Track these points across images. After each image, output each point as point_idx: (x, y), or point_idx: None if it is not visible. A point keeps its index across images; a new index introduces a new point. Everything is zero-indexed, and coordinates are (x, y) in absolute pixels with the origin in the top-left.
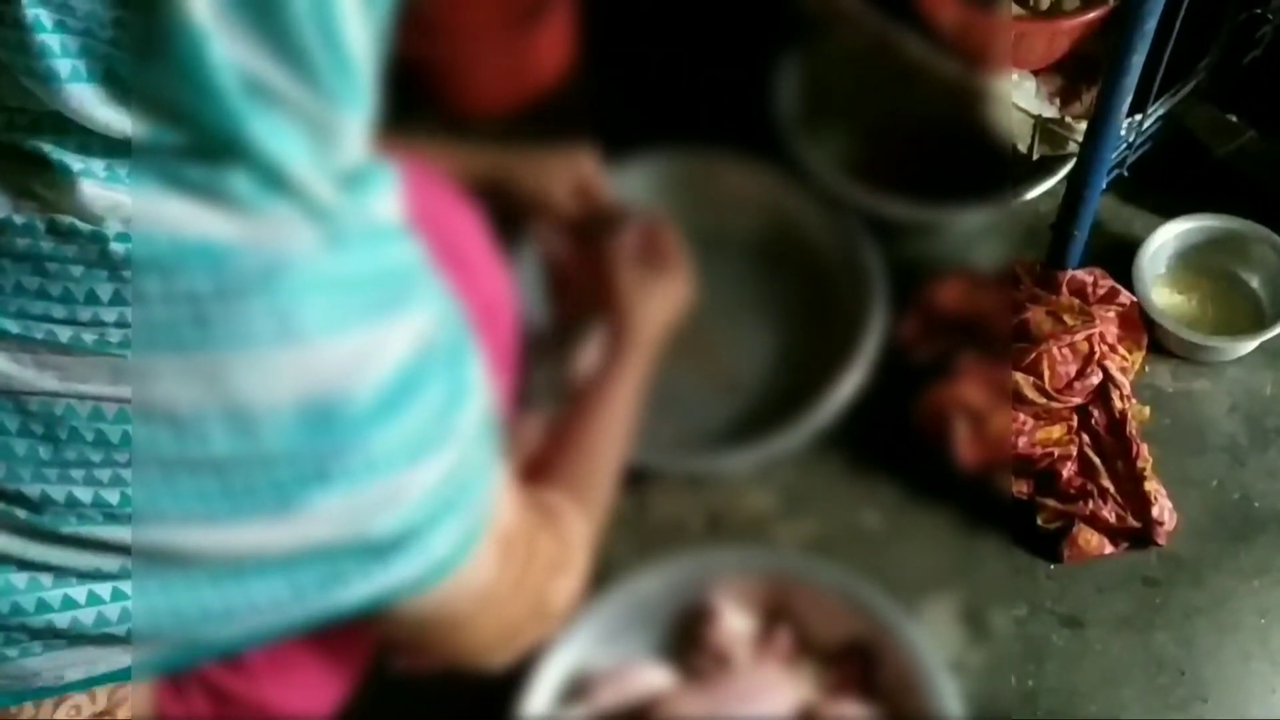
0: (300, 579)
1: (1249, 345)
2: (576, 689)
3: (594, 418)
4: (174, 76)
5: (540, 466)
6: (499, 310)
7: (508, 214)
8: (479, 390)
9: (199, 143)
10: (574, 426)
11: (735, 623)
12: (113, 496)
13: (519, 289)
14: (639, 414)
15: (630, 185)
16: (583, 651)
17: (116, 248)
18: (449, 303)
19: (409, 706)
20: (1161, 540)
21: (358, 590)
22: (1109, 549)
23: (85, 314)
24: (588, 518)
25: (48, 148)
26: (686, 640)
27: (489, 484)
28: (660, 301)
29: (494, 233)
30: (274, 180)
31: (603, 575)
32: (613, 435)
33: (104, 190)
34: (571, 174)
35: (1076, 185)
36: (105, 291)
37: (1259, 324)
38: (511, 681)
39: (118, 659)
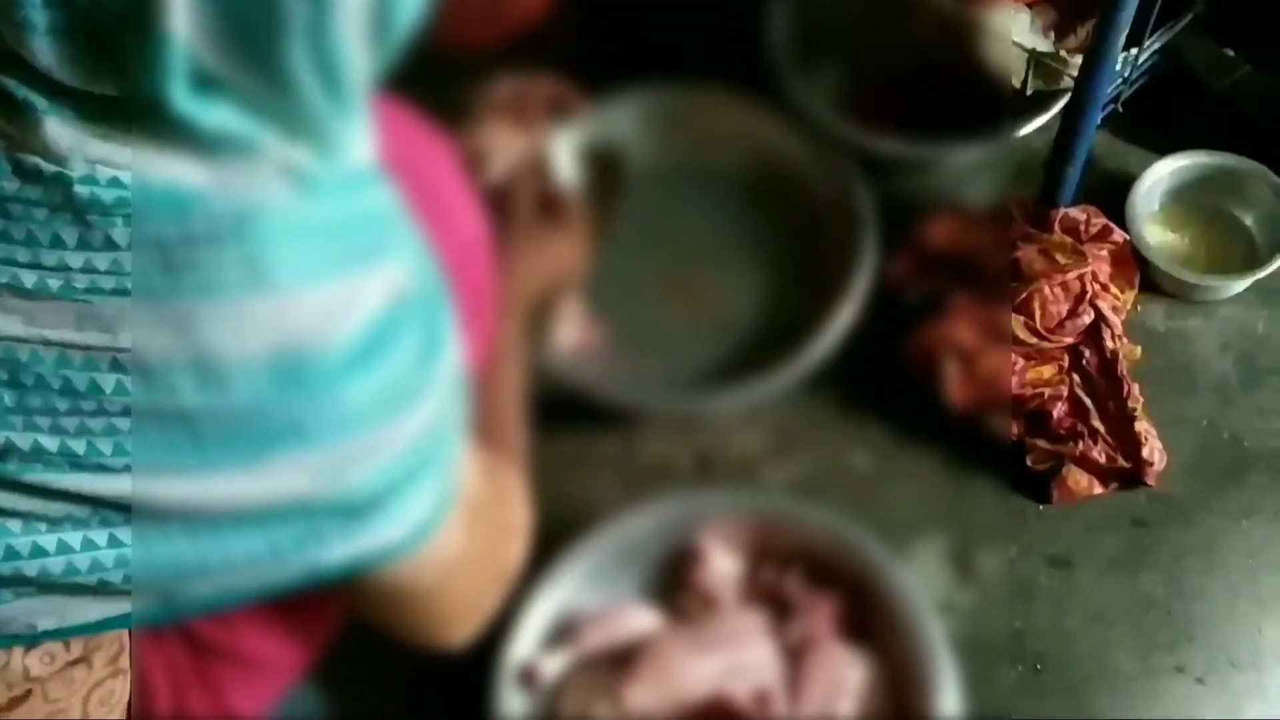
0: (277, 536)
1: (1242, 284)
2: (563, 631)
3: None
4: (132, 61)
5: None
6: (475, 251)
7: None
8: (452, 343)
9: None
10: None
11: (722, 564)
12: (79, 446)
13: None
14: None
15: (618, 121)
16: (569, 593)
17: (81, 190)
18: (424, 252)
19: (393, 650)
20: (1151, 481)
21: (337, 551)
22: (1099, 490)
23: (50, 258)
24: (517, 469)
25: (13, 84)
26: (674, 582)
27: (459, 443)
28: (544, 259)
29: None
30: (240, 146)
31: (590, 517)
32: (514, 388)
33: (69, 130)
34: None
35: (1071, 121)
36: (70, 236)
37: (1252, 262)
38: (497, 622)
39: (88, 609)
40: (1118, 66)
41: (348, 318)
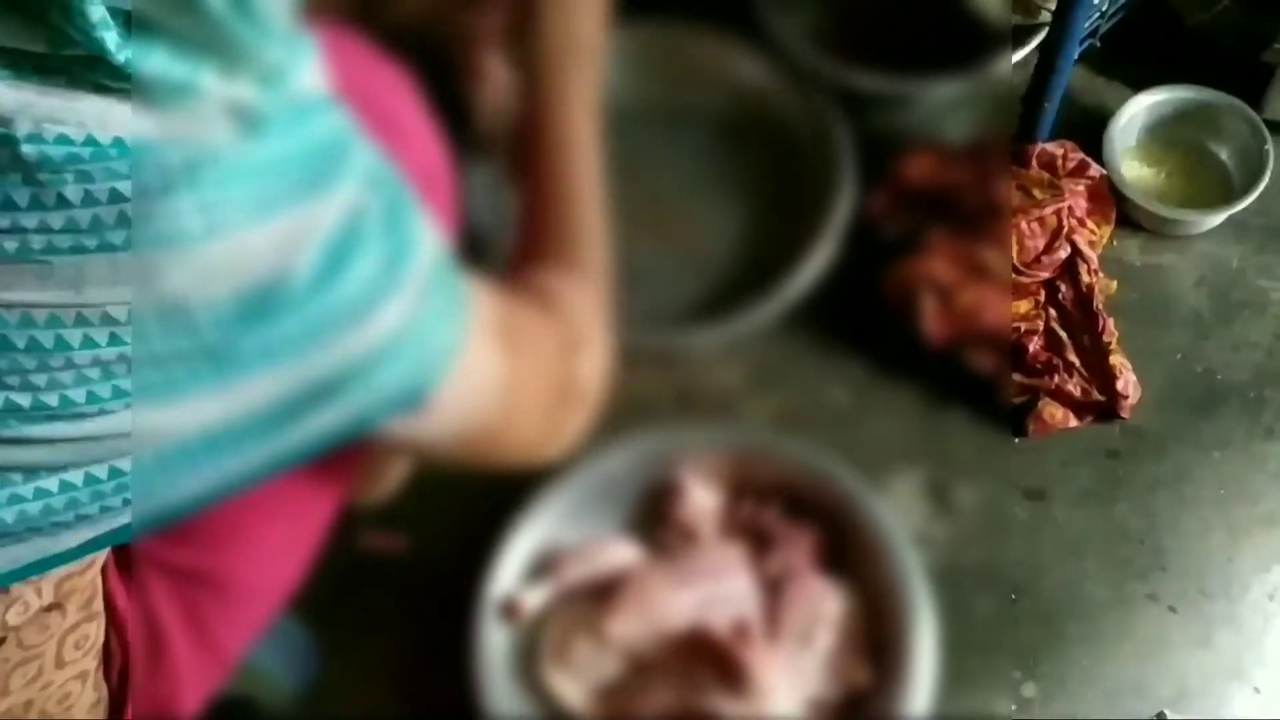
0: (243, 437)
1: (1217, 218)
2: (543, 565)
3: (554, 165)
4: (57, 15)
5: (520, 246)
6: (436, 178)
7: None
8: (425, 242)
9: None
10: (536, 185)
11: (702, 498)
12: (51, 399)
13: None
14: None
15: None
16: (550, 528)
17: (28, 150)
18: (380, 161)
19: (376, 585)
20: (1125, 413)
21: (309, 427)
22: (1073, 422)
23: (3, 221)
24: (590, 284)
25: None
26: (653, 516)
27: (451, 322)
28: None
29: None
30: (182, 90)
31: (570, 452)
32: (583, 176)
33: (10, 90)
34: None
35: (1048, 55)
36: (22, 196)
37: (1228, 196)
38: (479, 557)
39: (66, 539)
40: (1095, 0)
41: (306, 245)
